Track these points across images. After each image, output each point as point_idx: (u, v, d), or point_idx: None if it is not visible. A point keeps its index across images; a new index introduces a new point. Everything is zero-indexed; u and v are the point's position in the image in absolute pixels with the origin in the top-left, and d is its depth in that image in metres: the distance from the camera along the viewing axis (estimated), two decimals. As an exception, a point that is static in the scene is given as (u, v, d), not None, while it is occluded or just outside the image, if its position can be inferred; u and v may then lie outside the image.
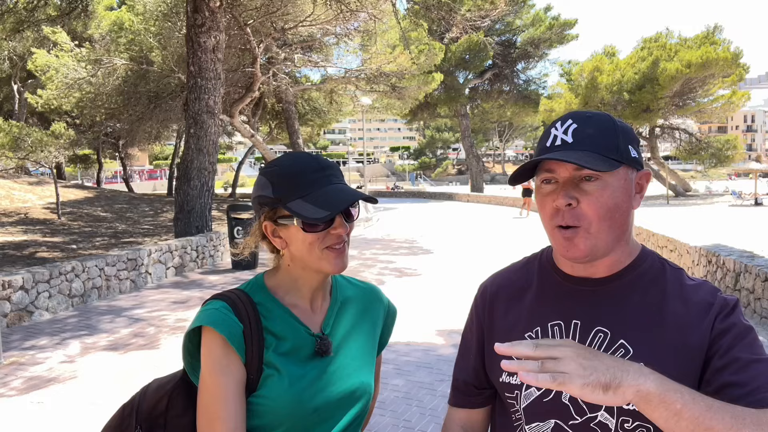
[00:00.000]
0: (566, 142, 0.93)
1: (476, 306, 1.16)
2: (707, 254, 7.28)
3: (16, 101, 26.21)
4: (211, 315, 1.02)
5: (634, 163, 0.95)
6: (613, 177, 0.92)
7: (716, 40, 23.54)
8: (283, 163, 1.08)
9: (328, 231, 1.05)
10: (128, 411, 1.16)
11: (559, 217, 0.93)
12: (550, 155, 0.92)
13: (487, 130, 57.82)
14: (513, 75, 35.23)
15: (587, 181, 0.92)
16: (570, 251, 0.93)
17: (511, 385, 1.03)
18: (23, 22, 14.89)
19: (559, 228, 0.94)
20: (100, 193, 23.32)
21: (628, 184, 0.94)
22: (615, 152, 0.92)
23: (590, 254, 0.93)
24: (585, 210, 0.91)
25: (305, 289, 1.11)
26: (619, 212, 0.93)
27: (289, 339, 1.07)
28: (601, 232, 0.92)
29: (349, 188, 1.07)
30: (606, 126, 0.95)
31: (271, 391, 1.02)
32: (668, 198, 26.01)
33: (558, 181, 0.94)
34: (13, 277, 6.42)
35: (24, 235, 13.12)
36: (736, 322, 0.91)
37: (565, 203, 0.92)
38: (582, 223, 0.92)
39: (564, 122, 0.96)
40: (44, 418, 3.95)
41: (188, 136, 10.78)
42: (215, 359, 0.99)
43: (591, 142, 0.92)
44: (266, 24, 15.21)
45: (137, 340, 5.78)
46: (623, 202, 0.93)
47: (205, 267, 10.09)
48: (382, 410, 3.98)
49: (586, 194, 0.91)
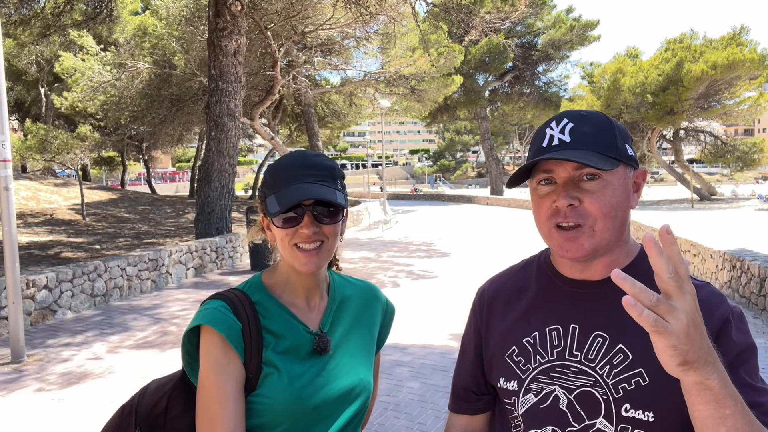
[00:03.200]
0: (564, 142, 0.91)
1: (474, 310, 1.15)
2: (731, 259, 7.13)
3: (44, 104, 26.84)
4: (210, 314, 1.02)
5: (632, 161, 0.94)
6: (613, 176, 0.91)
7: (742, 42, 23.07)
8: (279, 161, 1.11)
9: (296, 229, 1.04)
10: (127, 411, 1.16)
11: (560, 216, 0.91)
12: (552, 155, 0.90)
13: (507, 132, 57.51)
14: (533, 77, 34.98)
15: (588, 180, 0.90)
16: (571, 251, 0.91)
17: (508, 390, 1.01)
18: (50, 26, 15.20)
19: (558, 228, 0.92)
20: (124, 195, 23.73)
21: (627, 183, 0.93)
22: (614, 150, 0.91)
23: (593, 253, 0.91)
24: (588, 208, 0.90)
25: (299, 287, 1.11)
26: (620, 210, 0.91)
27: (287, 337, 1.07)
28: (605, 231, 0.90)
29: (317, 188, 1.03)
30: (603, 124, 0.93)
31: (270, 389, 1.02)
32: (692, 202, 25.54)
33: (557, 181, 0.92)
34: (37, 276, 6.56)
35: (49, 236, 13.40)
36: (744, 338, 0.88)
37: (567, 203, 0.90)
38: (587, 222, 0.90)
39: (559, 122, 0.94)
40: (64, 414, 4.03)
41: (209, 139, 10.91)
42: (214, 359, 0.99)
43: (590, 140, 0.91)
44: (286, 27, 15.34)
45: (158, 339, 5.86)
46: (623, 200, 0.92)
47: (224, 268, 10.19)
48: (397, 412, 3.97)
49: (588, 193, 0.90)
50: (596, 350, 0.93)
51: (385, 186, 25.37)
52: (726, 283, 7.30)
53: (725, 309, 0.90)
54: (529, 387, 0.98)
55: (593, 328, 0.94)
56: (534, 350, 0.99)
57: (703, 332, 0.70)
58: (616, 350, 0.91)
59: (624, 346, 0.91)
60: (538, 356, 0.98)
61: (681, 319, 0.67)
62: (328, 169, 1.07)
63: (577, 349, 0.95)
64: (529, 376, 0.98)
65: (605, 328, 0.93)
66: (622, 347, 0.91)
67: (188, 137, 26.99)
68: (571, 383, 0.94)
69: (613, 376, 0.90)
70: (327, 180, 1.06)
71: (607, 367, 0.91)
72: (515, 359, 1.01)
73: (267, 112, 20.82)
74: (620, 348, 0.91)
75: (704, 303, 0.90)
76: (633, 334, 0.91)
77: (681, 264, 0.68)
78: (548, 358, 0.97)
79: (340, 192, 1.06)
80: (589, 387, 0.92)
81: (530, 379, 0.98)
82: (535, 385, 0.98)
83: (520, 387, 0.99)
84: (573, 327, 0.96)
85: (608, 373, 0.91)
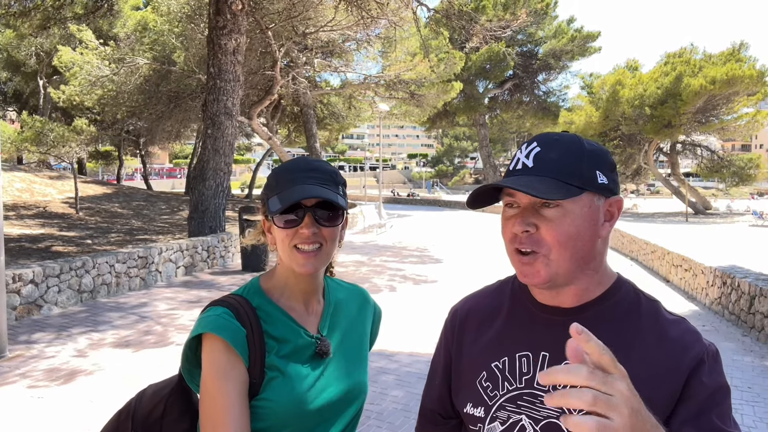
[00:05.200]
0: (526, 167, 0.90)
1: (445, 330, 1.12)
2: (722, 275, 7.13)
3: (41, 96, 26.75)
4: (214, 321, 1.02)
5: (602, 189, 0.90)
6: (574, 204, 0.87)
7: (742, 57, 23.20)
8: (281, 165, 1.14)
9: (297, 229, 1.05)
10: (124, 416, 1.16)
11: (517, 241, 0.90)
12: (505, 182, 0.89)
13: (505, 140, 57.55)
14: (533, 86, 35.07)
15: (546, 207, 0.88)
16: (528, 277, 0.90)
17: (474, 417, 0.98)
18: (50, 19, 15.13)
19: (517, 252, 0.90)
20: (119, 190, 23.65)
21: (593, 212, 0.89)
22: (577, 178, 0.88)
23: (550, 281, 0.89)
24: (544, 236, 0.88)
25: (297, 291, 1.12)
26: (581, 240, 0.88)
27: (289, 341, 1.08)
28: (561, 260, 0.88)
29: (318, 189, 1.05)
30: (571, 150, 0.90)
31: (274, 394, 1.03)
32: (687, 215, 25.61)
33: (519, 205, 0.91)
34: (23, 270, 6.50)
35: (41, 229, 13.33)
36: (717, 379, 0.86)
37: (522, 230, 0.88)
38: (541, 249, 0.88)
39: (529, 145, 0.92)
40: (42, 413, 3.98)
41: (205, 137, 10.87)
42: (218, 365, 0.99)
43: (551, 167, 0.88)
44: (287, 28, 15.33)
45: (145, 338, 5.81)
46: (586, 230, 0.88)
47: (215, 267, 10.14)
48: (379, 422, 3.94)
49: (545, 220, 0.88)
50: None
51: (381, 189, 25.36)
52: (716, 299, 7.29)
53: (700, 348, 0.87)
54: (495, 414, 0.95)
55: (564, 357, 0.91)
56: (503, 376, 0.96)
57: (644, 415, 0.65)
58: None
59: None
60: (506, 383, 0.95)
61: (623, 412, 0.61)
62: (329, 173, 1.10)
63: None
64: (497, 403, 0.95)
65: None
66: None
67: (186, 134, 26.95)
68: (538, 414, 0.91)
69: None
70: (328, 183, 1.08)
71: None
72: (483, 384, 0.98)
73: (266, 112, 20.79)
74: None
75: (678, 341, 0.88)
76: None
77: (603, 355, 0.64)
78: (516, 385, 0.94)
79: (341, 196, 1.08)
80: (556, 419, 0.89)
81: (497, 407, 0.95)
82: (501, 413, 0.94)
83: (486, 414, 0.96)
84: (543, 354, 0.93)
85: None
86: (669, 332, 0.89)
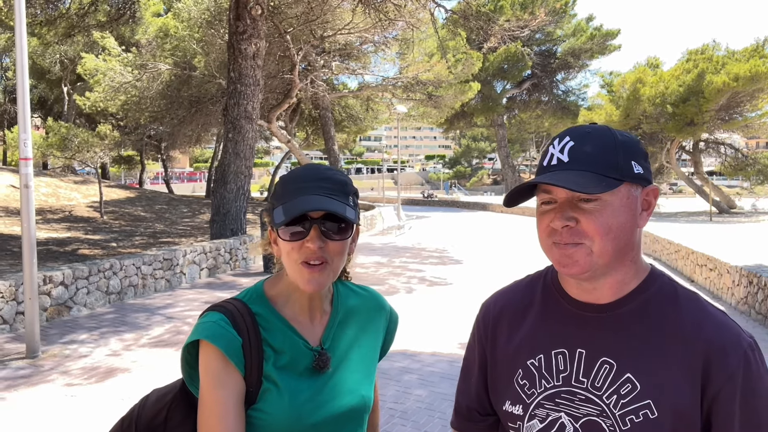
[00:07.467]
0: (562, 162, 0.89)
1: (478, 327, 1.11)
2: (748, 275, 7.03)
3: (66, 102, 27.32)
4: (209, 328, 1.00)
5: (638, 179, 0.90)
6: (613, 196, 0.87)
7: (766, 54, 22.73)
8: (290, 172, 1.09)
9: (302, 242, 1.00)
10: (127, 423, 1.16)
11: (557, 236, 0.90)
12: (543, 178, 0.89)
13: (523, 140, 57.19)
14: (552, 85, 34.82)
15: (586, 201, 0.88)
16: (567, 267, 0.89)
17: (513, 414, 0.98)
18: (74, 27, 15.47)
19: (556, 245, 0.90)
20: (141, 194, 24.02)
21: (631, 202, 0.89)
22: (614, 170, 0.88)
23: (590, 270, 0.89)
24: (585, 228, 0.87)
25: (303, 300, 1.08)
26: (622, 231, 0.88)
27: (287, 353, 1.04)
28: (604, 251, 0.87)
29: (326, 200, 0.99)
30: (605, 142, 0.90)
31: (268, 405, 1.01)
32: (711, 215, 25.17)
33: (557, 201, 0.90)
34: (53, 272, 6.67)
35: (67, 232, 13.62)
36: (761, 380, 0.86)
37: (562, 225, 0.88)
38: (584, 240, 0.88)
39: (561, 139, 0.92)
40: (76, 411, 4.09)
41: (226, 141, 11.02)
42: (214, 373, 0.98)
43: (588, 160, 0.88)
44: (305, 32, 15.46)
45: (172, 338, 5.92)
46: (626, 220, 0.89)
47: (237, 269, 10.27)
48: (404, 420, 3.97)
49: (585, 213, 0.87)
50: (603, 378, 0.90)
51: (400, 191, 25.37)
52: (742, 299, 7.19)
53: (744, 341, 0.88)
54: (534, 412, 0.95)
55: (600, 354, 0.91)
56: (539, 374, 0.96)
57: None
58: (623, 379, 0.89)
59: (632, 375, 0.88)
60: (544, 381, 0.96)
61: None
62: (340, 183, 1.04)
63: (583, 375, 0.92)
64: (535, 401, 0.96)
65: (613, 354, 0.91)
66: (630, 377, 0.88)
67: (206, 138, 27.30)
68: (578, 411, 0.91)
69: (621, 406, 0.88)
70: (338, 194, 1.02)
71: (614, 396, 0.89)
72: (520, 382, 0.98)
73: (284, 115, 20.96)
74: (628, 377, 0.88)
75: (721, 338, 0.88)
76: (641, 363, 0.89)
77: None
78: (554, 383, 0.94)
79: (350, 208, 1.02)
80: (596, 417, 0.89)
81: (535, 405, 0.95)
82: (540, 411, 0.95)
83: (525, 412, 0.96)
84: (579, 352, 0.93)
85: (615, 403, 0.88)
86: (710, 327, 0.89)
